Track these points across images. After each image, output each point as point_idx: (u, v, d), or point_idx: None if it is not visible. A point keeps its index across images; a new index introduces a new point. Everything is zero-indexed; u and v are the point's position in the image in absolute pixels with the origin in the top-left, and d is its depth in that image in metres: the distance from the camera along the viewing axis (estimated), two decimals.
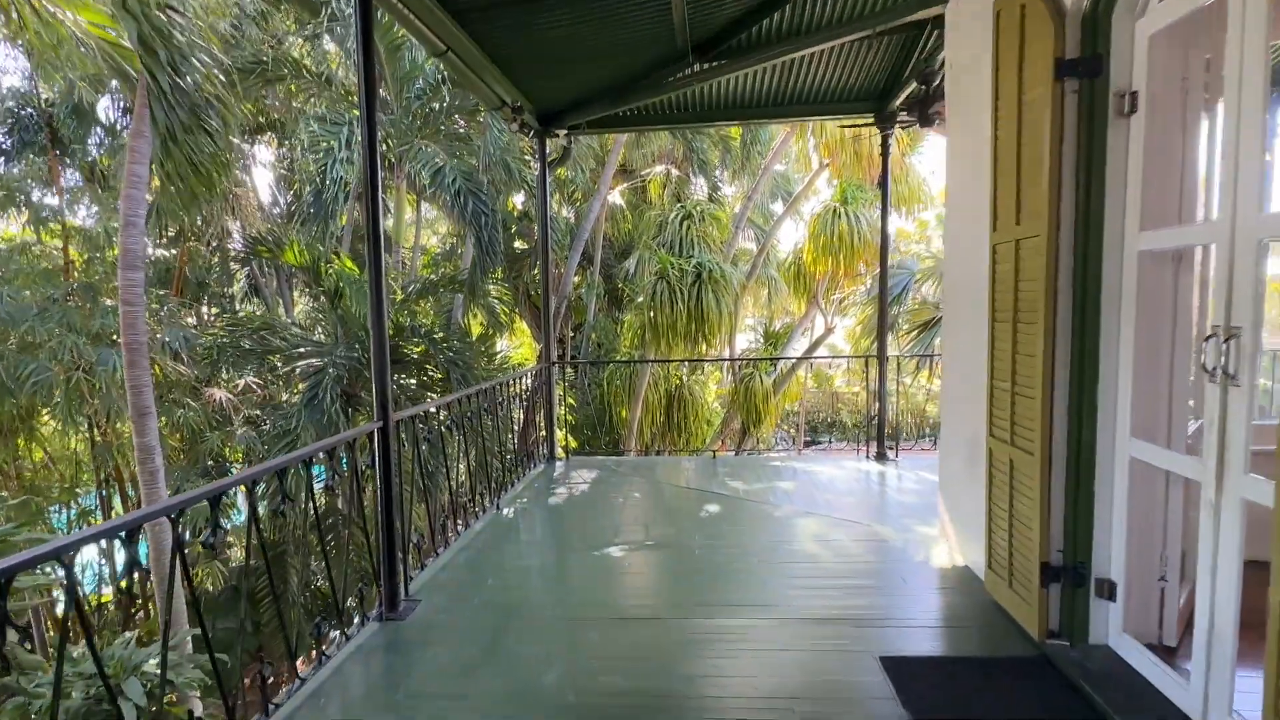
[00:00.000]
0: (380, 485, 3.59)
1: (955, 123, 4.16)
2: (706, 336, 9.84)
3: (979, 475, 3.74)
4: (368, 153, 3.48)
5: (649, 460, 8.08)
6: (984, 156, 3.55)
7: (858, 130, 10.48)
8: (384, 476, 3.59)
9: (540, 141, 6.87)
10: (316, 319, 10.25)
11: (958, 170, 4.14)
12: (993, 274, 3.42)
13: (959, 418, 4.17)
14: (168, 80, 4.57)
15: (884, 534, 4.61)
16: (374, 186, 3.52)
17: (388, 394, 3.59)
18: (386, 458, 3.59)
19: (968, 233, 3.98)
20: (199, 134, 4.69)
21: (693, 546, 4.48)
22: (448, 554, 4.41)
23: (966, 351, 4.03)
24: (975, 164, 3.80)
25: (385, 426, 3.57)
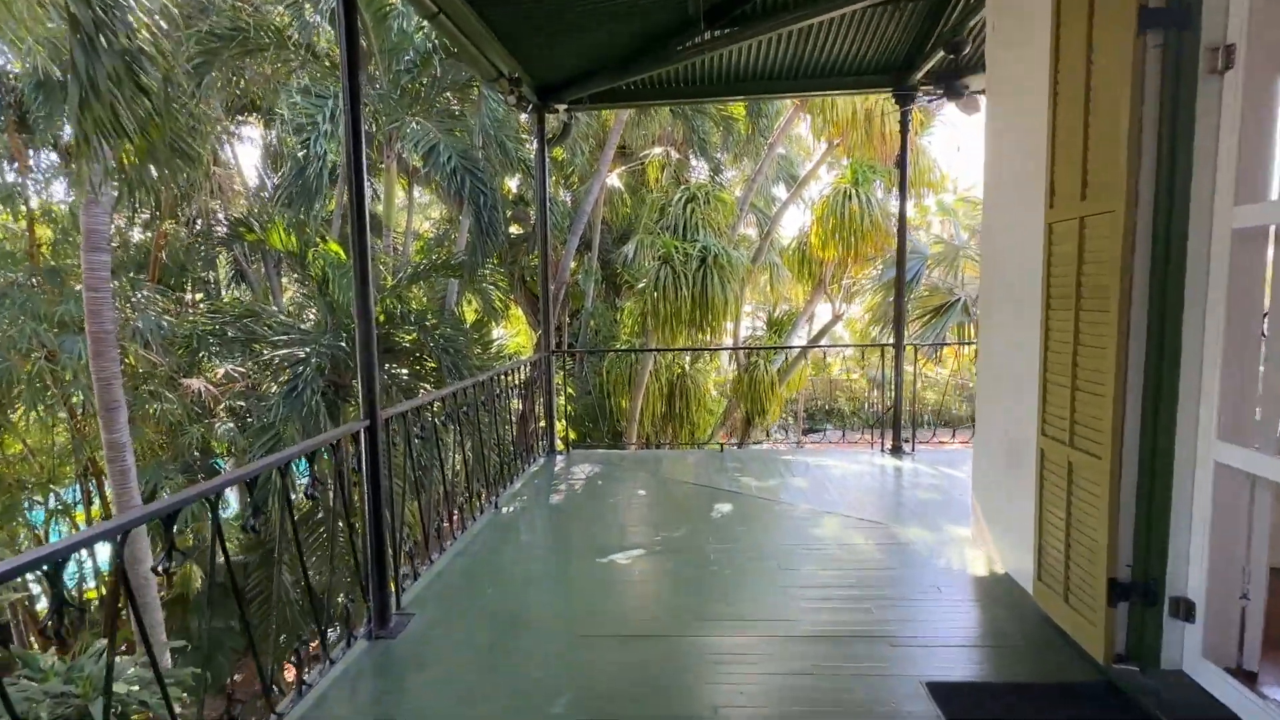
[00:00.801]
0: (368, 490, 3.24)
1: (999, 90, 3.80)
2: (711, 324, 9.50)
3: (1023, 476, 3.42)
4: (350, 123, 3.11)
5: (653, 454, 7.76)
6: (1037, 126, 3.19)
7: (870, 107, 10.11)
8: (372, 480, 3.24)
9: (539, 117, 6.48)
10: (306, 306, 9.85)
11: (1000, 143, 3.79)
12: (1048, 256, 3.08)
13: (997, 413, 3.85)
14: (88, 14, 4.01)
15: (911, 536, 4.30)
16: (358, 162, 3.14)
17: (375, 390, 3.24)
18: (375, 459, 3.24)
19: (1011, 212, 3.64)
20: (130, 89, 4.19)
21: (705, 551, 4.16)
22: (444, 559, 4.08)
23: (1007, 342, 3.71)
24: (1024, 135, 3.44)
25: (373, 425, 3.22)
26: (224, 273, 13.36)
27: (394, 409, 3.51)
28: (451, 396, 4.47)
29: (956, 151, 33.15)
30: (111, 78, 4.11)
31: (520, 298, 14.46)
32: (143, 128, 4.43)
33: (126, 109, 4.20)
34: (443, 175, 7.75)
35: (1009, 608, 3.33)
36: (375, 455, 3.24)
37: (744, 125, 12.09)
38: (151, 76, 4.46)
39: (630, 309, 12.33)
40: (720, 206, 10.28)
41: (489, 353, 8.94)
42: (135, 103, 4.28)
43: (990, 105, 3.88)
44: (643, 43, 5.36)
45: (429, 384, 7.96)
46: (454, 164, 7.70)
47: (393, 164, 9.08)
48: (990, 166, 3.89)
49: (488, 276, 9.81)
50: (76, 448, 7.60)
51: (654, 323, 9.66)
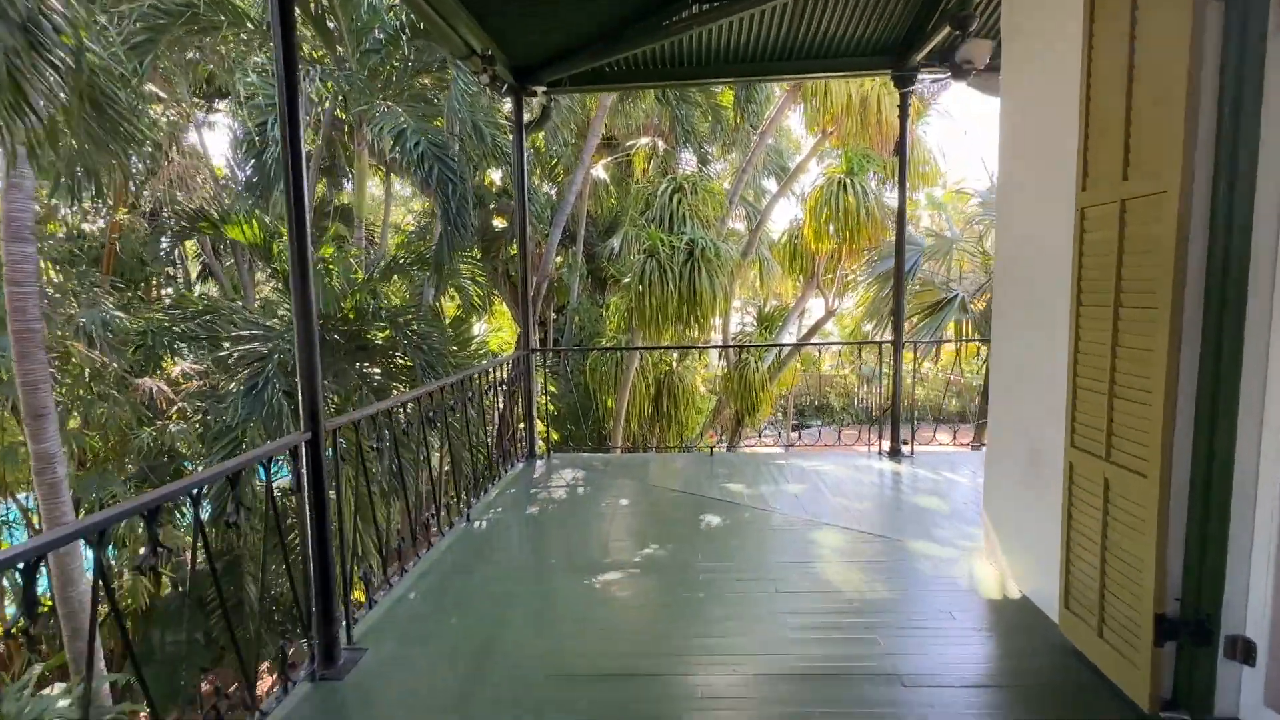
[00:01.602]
0: (311, 512, 2.85)
1: (1017, 64, 3.45)
2: (699, 319, 9.13)
3: (1046, 490, 3.09)
4: (285, 92, 2.71)
5: (639, 458, 7.40)
6: (1066, 99, 2.85)
7: (866, 94, 9.76)
8: (316, 500, 2.85)
9: (516, 100, 6.08)
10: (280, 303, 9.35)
11: (1019, 120, 3.44)
12: (1079, 245, 2.74)
13: (1013, 419, 3.51)
14: None
15: (916, 551, 3.96)
16: (294, 137, 2.74)
17: (318, 397, 2.85)
18: (319, 476, 2.85)
19: (1032, 196, 3.29)
20: (29, 59, 3.72)
21: (694, 570, 3.80)
22: (405, 581, 3.69)
23: (1026, 340, 3.37)
24: (1050, 109, 3.10)
25: (315, 438, 2.83)
26: (194, 267, 12.83)
27: (342, 418, 3.12)
28: (415, 402, 4.08)
29: (963, 135, 32.70)
30: (10, 50, 3.64)
31: (505, 293, 14.03)
32: (52, 104, 3.98)
33: (29, 83, 3.74)
34: (410, 161, 7.29)
35: (1031, 637, 2.99)
36: (319, 471, 2.85)
37: (733, 114, 11.70)
38: (60, 48, 3.97)
39: (616, 304, 11.94)
40: (708, 198, 9.89)
41: (467, 351, 8.53)
42: (40, 77, 3.82)
43: (1007, 80, 3.53)
44: (628, 11, 4.96)
45: (402, 383, 7.55)
46: (422, 148, 7.24)
47: (364, 151, 8.63)
48: (1007, 147, 3.55)
49: (465, 270, 9.38)
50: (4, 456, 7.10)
51: (640, 318, 9.28)
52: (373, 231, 13.98)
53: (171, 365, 7.34)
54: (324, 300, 7.20)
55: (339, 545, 3.11)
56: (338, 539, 3.27)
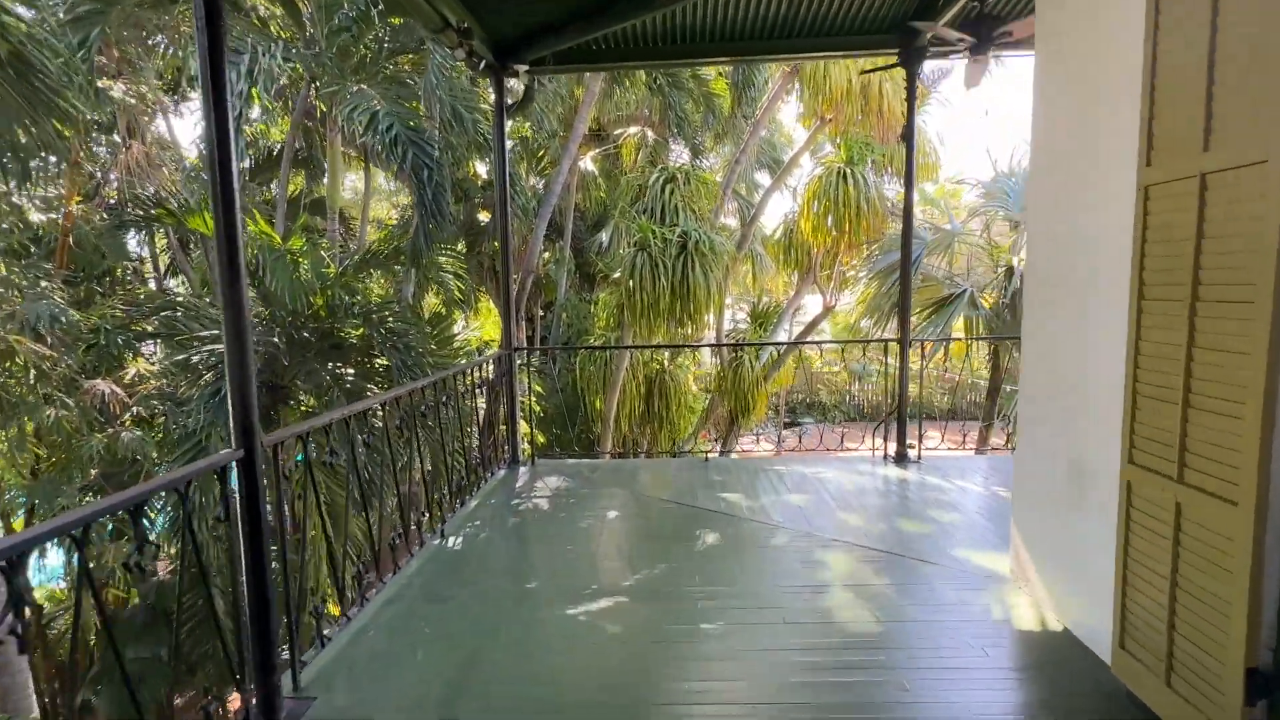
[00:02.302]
0: (245, 543, 2.43)
1: (1056, 28, 3.06)
2: (693, 316, 8.72)
3: (1093, 510, 2.73)
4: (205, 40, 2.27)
5: (629, 464, 7.00)
6: (1120, 61, 2.47)
7: (867, 80, 9.37)
8: (251, 529, 2.43)
9: (496, 80, 5.65)
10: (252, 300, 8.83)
11: (1058, 94, 3.06)
12: (1142, 229, 2.36)
13: (1049, 426, 3.14)
14: None
15: (937, 574, 3.59)
16: (218, 91, 2.31)
17: (251, 407, 2.42)
18: (254, 500, 2.43)
19: (1074, 177, 2.91)
20: None
21: (691, 597, 3.40)
22: (367, 612, 3.27)
23: (1064, 339, 2.99)
24: (1098, 77, 2.72)
25: (250, 455, 2.41)
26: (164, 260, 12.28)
27: (284, 432, 2.69)
28: (381, 408, 3.66)
29: (984, 115, 32.29)
30: None
31: (490, 289, 13.58)
32: None
33: None
34: (383, 145, 6.82)
35: (1079, 679, 2.62)
36: (255, 494, 2.43)
37: (726, 103, 11.29)
38: None
39: (605, 300, 11.52)
40: (702, 188, 9.48)
41: (448, 349, 8.09)
42: None
43: (1044, 48, 3.14)
44: None
45: (378, 384, 7.11)
46: (395, 132, 6.77)
47: (336, 138, 8.16)
48: (1043, 123, 3.16)
49: (446, 264, 8.92)
50: None
51: (631, 315, 8.85)
52: (352, 225, 13.49)
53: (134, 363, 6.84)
54: (292, 295, 6.74)
55: (284, 578, 2.69)
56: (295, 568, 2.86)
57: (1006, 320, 7.36)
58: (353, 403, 6.68)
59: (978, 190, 8.32)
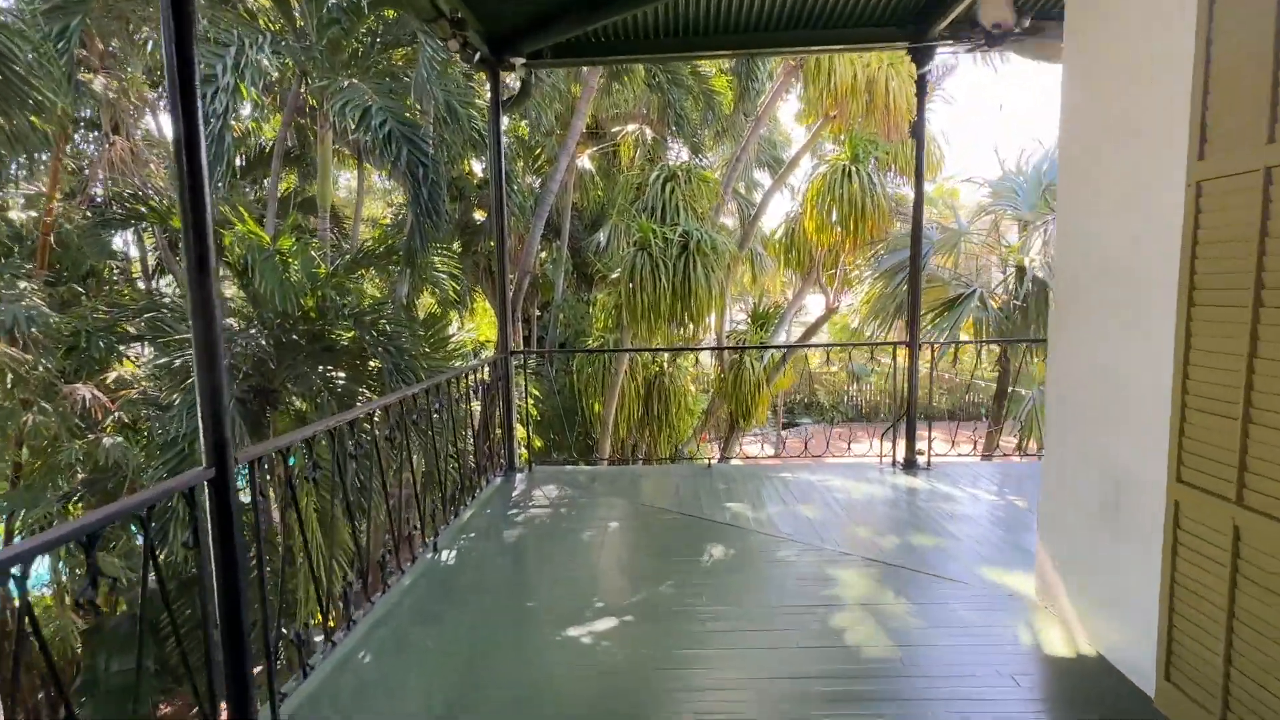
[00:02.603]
0: (218, 570, 2.23)
1: (1088, 16, 2.87)
2: (694, 318, 8.53)
3: (1133, 531, 2.54)
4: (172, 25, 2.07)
5: (629, 471, 6.79)
6: (1172, 47, 2.29)
7: (873, 75, 9.19)
8: (224, 554, 2.23)
9: (492, 74, 5.45)
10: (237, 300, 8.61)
11: (1091, 86, 2.87)
12: (1193, 228, 2.17)
13: (1081, 438, 2.95)
14: None
15: (958, 593, 3.40)
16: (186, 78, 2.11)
17: (224, 422, 2.22)
18: (228, 523, 2.23)
19: (1111, 173, 2.72)
20: None
21: (698, 617, 3.21)
22: (354, 637, 3.07)
23: (1098, 345, 2.81)
24: (1138, 67, 2.53)
25: (223, 474, 2.21)
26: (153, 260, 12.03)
27: (260, 448, 2.49)
28: (368, 417, 3.46)
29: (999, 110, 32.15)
30: None
31: (487, 289, 13.37)
32: None
33: None
34: (376, 142, 6.61)
35: (1119, 713, 2.43)
36: (229, 517, 2.23)
37: (727, 100, 11.09)
38: None
39: (603, 301, 11.32)
40: (703, 187, 9.28)
41: (443, 351, 7.88)
42: None
43: (1074, 39, 2.95)
44: None
45: (370, 389, 6.90)
46: (389, 128, 6.56)
47: (328, 134, 7.94)
48: (1073, 117, 2.98)
49: (437, 263, 8.72)
50: None
51: (630, 316, 8.65)
52: (346, 224, 13.27)
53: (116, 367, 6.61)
54: (282, 296, 6.52)
55: (262, 604, 2.50)
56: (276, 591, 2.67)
57: (1017, 322, 7.20)
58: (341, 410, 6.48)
59: (985, 189, 8.15)
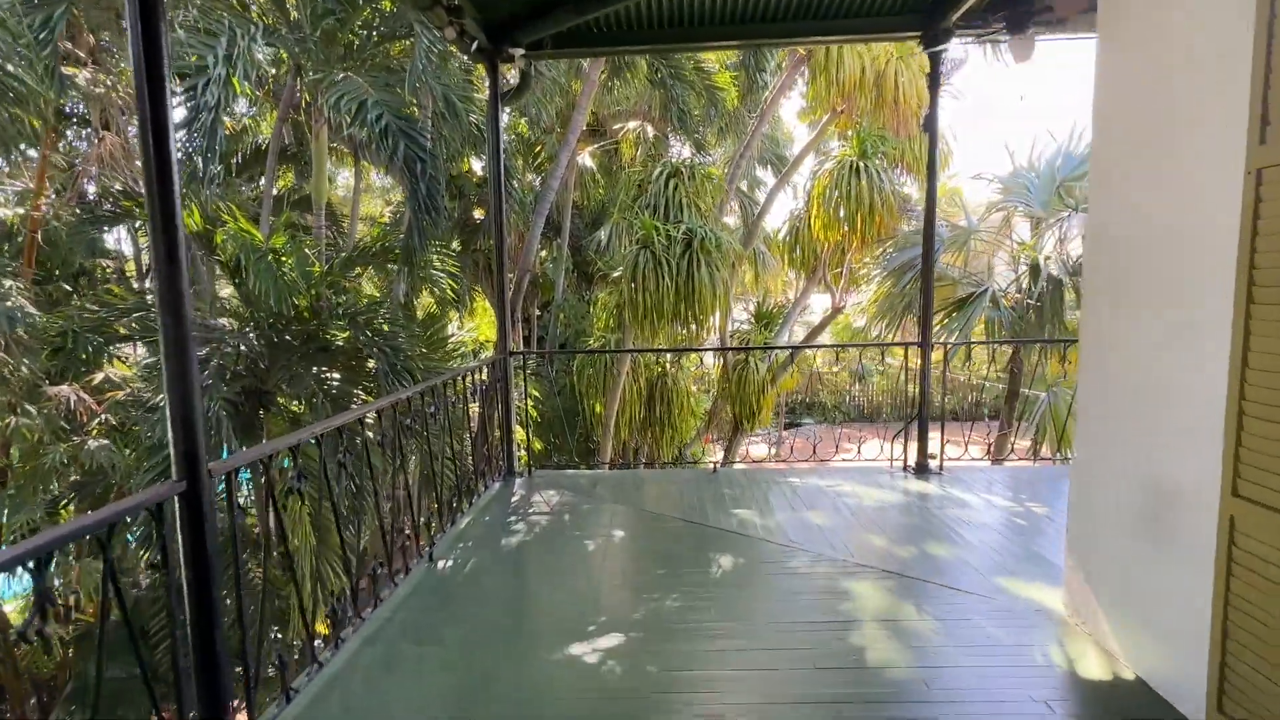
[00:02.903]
0: (191, 593, 2.05)
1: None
2: (698, 318, 8.34)
3: (1176, 544, 2.37)
4: None
5: (632, 476, 6.63)
6: (1226, 24, 2.11)
7: (881, 69, 9.01)
8: (197, 574, 2.05)
9: (490, 65, 5.27)
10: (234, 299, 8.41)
11: (1132, 66, 2.69)
12: (1252, 219, 1.99)
13: (1119, 445, 2.77)
14: None
15: (981, 607, 3.22)
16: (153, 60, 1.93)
17: (196, 430, 2.04)
18: (201, 540, 2.05)
19: (1153, 160, 2.54)
20: None
21: (707, 634, 3.04)
22: (342, 655, 2.90)
23: (1140, 345, 2.62)
24: (1185, 42, 2.35)
25: (195, 489, 2.03)
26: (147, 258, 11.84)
27: (237, 459, 2.31)
28: (359, 423, 3.28)
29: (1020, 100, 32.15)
30: None
31: (486, 289, 13.20)
32: None
33: None
34: (372, 137, 6.43)
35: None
36: (201, 534, 2.05)
37: (731, 95, 10.90)
38: None
39: (605, 300, 11.14)
40: (707, 184, 9.09)
41: (441, 352, 7.70)
42: None
43: (1109, 13, 2.77)
44: None
45: (366, 390, 6.72)
46: (385, 122, 6.37)
47: (323, 129, 7.76)
48: (1107, 99, 2.80)
49: (435, 261, 8.54)
50: None
51: (632, 316, 8.47)
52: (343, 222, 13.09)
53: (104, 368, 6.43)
54: (276, 296, 6.35)
55: (240, 623, 2.32)
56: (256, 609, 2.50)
57: (1031, 321, 7.02)
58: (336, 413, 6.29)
59: (995, 185, 7.98)
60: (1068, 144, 7.39)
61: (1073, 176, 7.17)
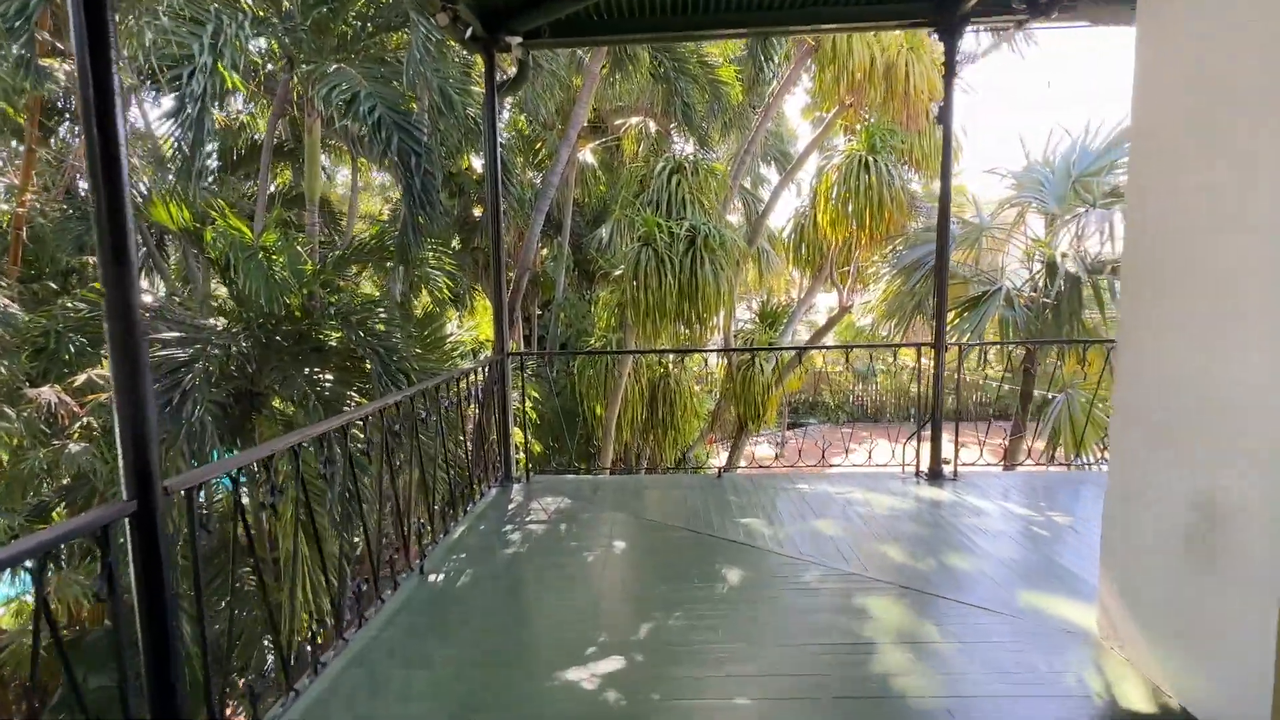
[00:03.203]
0: (143, 623, 1.85)
1: None
2: (702, 317, 8.13)
3: (1228, 565, 2.16)
4: None
5: (633, 482, 6.42)
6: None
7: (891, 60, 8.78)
8: (151, 603, 1.84)
9: (486, 54, 5.08)
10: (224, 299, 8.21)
11: (1179, 45, 2.47)
12: None
13: (1160, 457, 2.56)
14: None
15: (1004, 627, 3.02)
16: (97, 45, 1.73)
17: (149, 445, 1.84)
18: (155, 567, 1.85)
19: (1204, 144, 2.33)
20: None
21: (714, 658, 2.83)
22: (322, 682, 2.69)
23: (1190, 348, 2.41)
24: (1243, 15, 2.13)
25: (148, 509, 1.83)
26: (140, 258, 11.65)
27: (196, 474, 2.10)
28: (343, 430, 3.07)
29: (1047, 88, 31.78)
30: None
31: (487, 286, 13.00)
32: None
33: None
34: (365, 129, 6.21)
35: None
36: (156, 560, 1.85)
37: (735, 90, 10.67)
38: None
39: (606, 299, 10.94)
40: (711, 180, 8.88)
41: (439, 352, 7.50)
42: None
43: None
44: None
45: (360, 392, 6.52)
46: (379, 114, 6.15)
47: (316, 124, 7.56)
48: (1155, 80, 2.58)
49: (432, 260, 8.33)
50: None
51: (634, 315, 8.26)
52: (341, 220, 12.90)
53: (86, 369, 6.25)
54: (267, 296, 6.16)
55: (203, 654, 2.12)
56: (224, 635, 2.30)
57: (1047, 321, 6.79)
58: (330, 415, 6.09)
59: (1008, 181, 7.75)
60: (1083, 138, 7.17)
61: (1089, 171, 6.95)
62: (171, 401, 5.18)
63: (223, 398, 5.98)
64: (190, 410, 5.18)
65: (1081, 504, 4.88)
